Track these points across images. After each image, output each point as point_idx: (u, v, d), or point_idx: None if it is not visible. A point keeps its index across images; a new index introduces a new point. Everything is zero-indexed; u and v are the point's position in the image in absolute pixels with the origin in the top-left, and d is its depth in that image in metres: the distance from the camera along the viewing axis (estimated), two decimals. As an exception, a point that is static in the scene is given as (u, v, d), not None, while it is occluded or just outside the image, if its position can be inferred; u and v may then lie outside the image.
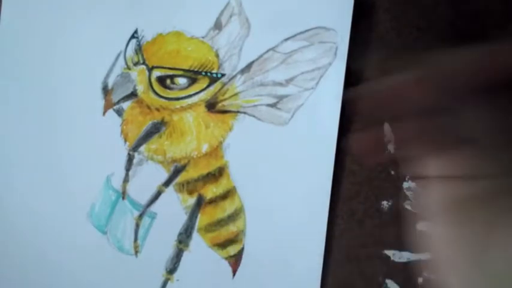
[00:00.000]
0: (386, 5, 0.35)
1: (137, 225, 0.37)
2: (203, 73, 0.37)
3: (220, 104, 0.37)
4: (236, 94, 0.36)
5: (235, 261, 0.37)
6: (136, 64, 0.38)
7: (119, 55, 0.38)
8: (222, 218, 0.37)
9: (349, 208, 0.36)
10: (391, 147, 0.35)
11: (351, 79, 0.35)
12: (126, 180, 0.37)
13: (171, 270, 0.37)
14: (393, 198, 0.36)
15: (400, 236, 0.36)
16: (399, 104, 0.24)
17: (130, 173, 0.37)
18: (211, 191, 0.37)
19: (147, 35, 0.38)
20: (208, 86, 0.37)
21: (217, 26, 0.37)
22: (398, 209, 0.36)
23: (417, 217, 0.35)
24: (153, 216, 0.37)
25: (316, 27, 0.35)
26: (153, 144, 0.37)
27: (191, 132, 0.37)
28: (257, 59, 0.36)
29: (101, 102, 0.38)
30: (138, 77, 0.37)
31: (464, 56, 0.23)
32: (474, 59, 0.23)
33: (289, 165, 0.36)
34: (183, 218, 0.37)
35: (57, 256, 0.38)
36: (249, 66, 0.36)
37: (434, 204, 0.23)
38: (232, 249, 0.37)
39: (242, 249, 0.37)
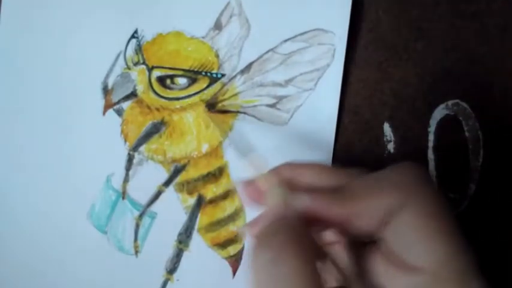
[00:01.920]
0: (386, 5, 0.35)
1: (137, 225, 0.37)
2: (203, 73, 0.37)
3: (220, 104, 0.37)
4: (236, 94, 0.36)
5: (235, 261, 0.37)
6: (136, 64, 0.38)
7: (118, 55, 0.38)
8: (222, 218, 0.37)
9: (348, 208, 0.36)
10: (390, 147, 0.35)
11: (350, 80, 0.35)
12: (126, 180, 0.38)
13: (171, 270, 0.37)
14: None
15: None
16: None
17: (130, 173, 0.38)
18: (211, 191, 0.37)
19: (147, 35, 0.38)
20: (208, 86, 0.37)
21: (217, 26, 0.37)
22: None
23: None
24: (153, 216, 0.37)
25: (314, 29, 0.35)
26: (153, 144, 0.37)
27: (191, 132, 0.37)
28: (257, 60, 0.36)
29: (101, 102, 0.38)
30: (138, 77, 0.37)
31: None
32: None
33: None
34: (183, 218, 0.37)
35: (57, 256, 0.38)
36: (248, 66, 0.36)
37: None
38: (232, 249, 0.37)
39: (242, 249, 0.37)
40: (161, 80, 0.37)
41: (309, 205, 0.23)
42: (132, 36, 0.38)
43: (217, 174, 0.37)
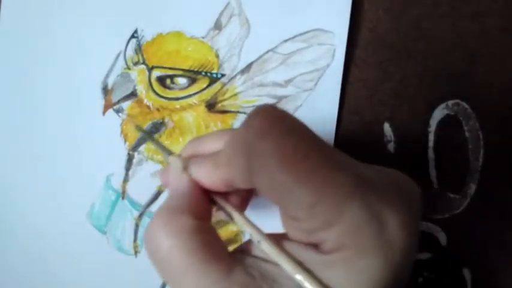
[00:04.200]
0: (386, 4, 0.35)
1: (137, 225, 0.37)
2: (203, 73, 0.37)
3: (220, 104, 0.37)
4: (236, 94, 0.36)
5: (235, 261, 0.37)
6: (136, 64, 0.38)
7: (118, 55, 0.38)
8: (222, 218, 0.37)
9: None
10: (391, 147, 0.35)
11: (350, 80, 0.35)
12: (126, 180, 0.38)
13: (171, 270, 0.37)
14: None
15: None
16: None
17: (130, 172, 0.38)
18: (211, 191, 0.37)
19: (147, 35, 0.38)
20: (208, 86, 0.37)
21: (217, 26, 0.37)
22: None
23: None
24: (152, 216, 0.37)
25: (314, 29, 0.35)
26: (153, 144, 0.37)
27: (191, 132, 0.37)
28: (257, 60, 0.36)
29: (101, 102, 0.38)
30: (138, 77, 0.37)
31: None
32: None
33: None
34: (183, 218, 0.37)
35: (56, 256, 0.38)
36: (248, 66, 0.36)
37: None
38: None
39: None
40: (161, 80, 0.37)
41: (193, 171, 0.24)
42: (132, 36, 0.38)
43: (217, 174, 0.37)
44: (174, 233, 0.22)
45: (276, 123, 0.21)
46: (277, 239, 0.22)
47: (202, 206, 0.24)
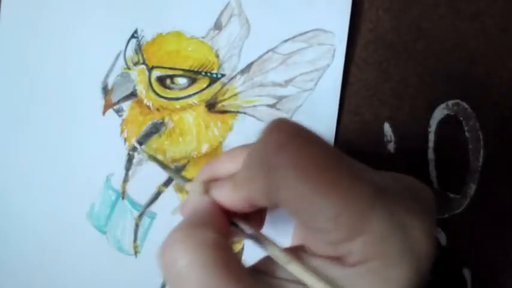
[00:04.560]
0: (386, 4, 0.35)
1: (137, 225, 0.37)
2: (203, 73, 0.37)
3: (220, 104, 0.37)
4: (236, 94, 0.36)
5: (234, 261, 0.37)
6: (136, 64, 0.38)
7: (118, 55, 0.38)
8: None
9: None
10: (391, 147, 0.35)
11: (350, 80, 0.35)
12: (125, 180, 0.38)
13: (171, 270, 0.37)
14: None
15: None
16: None
17: (130, 172, 0.38)
18: (211, 191, 0.37)
19: (147, 35, 0.38)
20: (208, 86, 0.37)
21: (217, 26, 0.37)
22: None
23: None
24: (152, 217, 0.37)
25: (314, 29, 0.35)
26: (153, 144, 0.37)
27: (191, 132, 0.37)
28: (257, 60, 0.36)
29: (101, 102, 0.38)
30: (138, 77, 0.37)
31: None
32: None
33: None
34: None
35: (56, 256, 0.38)
36: (248, 66, 0.36)
37: None
38: (232, 249, 0.37)
39: (242, 249, 0.37)
40: (161, 80, 0.37)
41: (215, 194, 0.24)
42: (132, 36, 0.38)
43: (217, 174, 0.37)
44: (194, 247, 0.20)
45: (292, 136, 0.21)
46: (297, 254, 0.22)
47: (223, 224, 0.23)
